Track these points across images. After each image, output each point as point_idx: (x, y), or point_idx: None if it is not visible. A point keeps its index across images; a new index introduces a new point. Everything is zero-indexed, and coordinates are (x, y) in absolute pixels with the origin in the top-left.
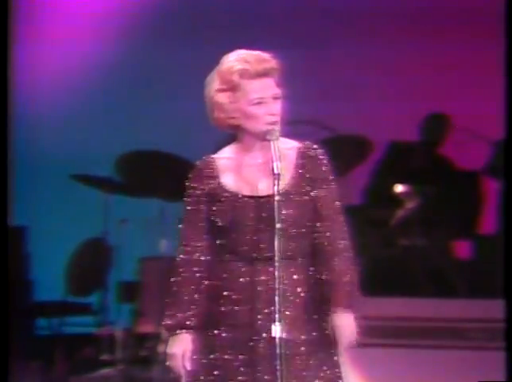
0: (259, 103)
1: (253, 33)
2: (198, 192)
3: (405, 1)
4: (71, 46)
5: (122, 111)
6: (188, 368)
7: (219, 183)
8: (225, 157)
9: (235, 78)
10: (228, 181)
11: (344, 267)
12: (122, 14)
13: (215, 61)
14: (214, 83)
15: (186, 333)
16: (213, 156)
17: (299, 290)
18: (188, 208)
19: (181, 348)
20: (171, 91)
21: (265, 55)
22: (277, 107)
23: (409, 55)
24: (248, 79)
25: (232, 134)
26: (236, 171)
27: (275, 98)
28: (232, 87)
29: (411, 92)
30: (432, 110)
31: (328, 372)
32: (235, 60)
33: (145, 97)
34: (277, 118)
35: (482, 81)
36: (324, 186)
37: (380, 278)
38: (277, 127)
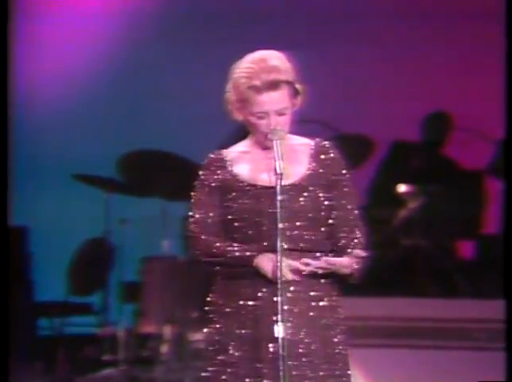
0: (261, 117)
1: (255, 33)
2: (210, 182)
3: (407, 1)
4: (72, 46)
5: (123, 111)
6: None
7: (232, 173)
8: (237, 150)
9: (243, 89)
10: (242, 171)
11: (355, 256)
12: (123, 14)
13: (216, 61)
14: (229, 82)
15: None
16: (225, 150)
17: (310, 286)
18: (199, 198)
19: (270, 260)
20: (173, 90)
21: (281, 63)
22: (279, 120)
23: (411, 55)
24: (255, 92)
25: (235, 134)
26: (249, 163)
27: (280, 114)
28: (239, 95)
29: (414, 92)
30: (435, 109)
31: (337, 371)
32: (248, 66)
33: (146, 97)
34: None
35: (483, 81)
36: (338, 181)
37: (382, 278)
38: (280, 127)
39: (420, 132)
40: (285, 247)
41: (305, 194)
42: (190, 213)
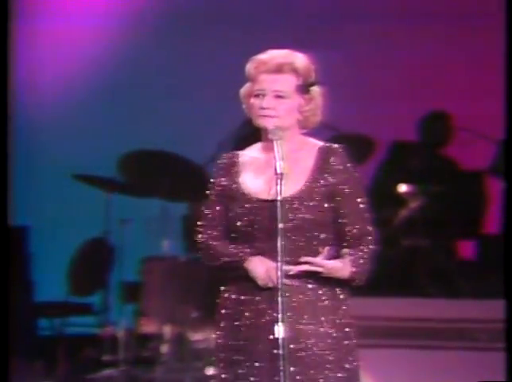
0: (258, 95)
1: (257, 34)
2: (216, 188)
3: (407, 1)
4: (72, 46)
5: (123, 111)
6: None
7: (236, 182)
8: (249, 155)
9: (251, 70)
10: (246, 180)
11: (360, 257)
12: (123, 14)
13: (217, 62)
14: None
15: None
16: (238, 152)
17: (310, 293)
18: (207, 203)
19: (263, 264)
20: (173, 90)
21: (294, 53)
22: (273, 103)
23: (411, 55)
24: (259, 73)
25: (236, 134)
26: (255, 172)
27: (277, 95)
28: (249, 78)
29: (414, 92)
30: (435, 109)
31: (339, 373)
32: (264, 53)
33: (147, 96)
34: (270, 113)
35: (483, 81)
36: (346, 186)
37: (383, 279)
38: (280, 127)
39: (420, 132)
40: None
41: (303, 206)
42: (200, 222)
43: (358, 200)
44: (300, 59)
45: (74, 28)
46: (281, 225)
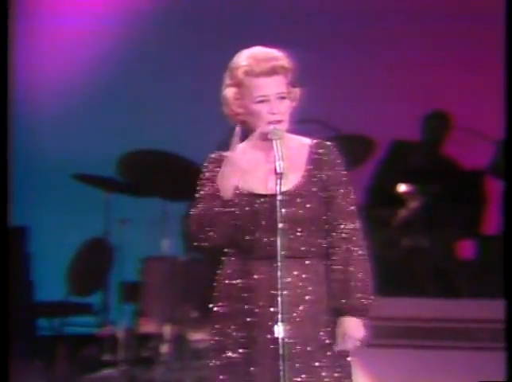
0: (262, 101)
1: (256, 34)
2: (210, 184)
3: (407, 0)
4: (72, 46)
5: (123, 111)
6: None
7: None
8: (235, 155)
9: (240, 74)
10: (241, 178)
11: (354, 270)
12: (123, 14)
13: (215, 61)
14: (225, 78)
15: None
16: (224, 153)
17: (310, 289)
18: (200, 202)
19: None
20: (172, 91)
21: (278, 53)
22: (280, 106)
23: (411, 54)
24: (253, 77)
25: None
26: (248, 169)
27: (280, 97)
28: (237, 84)
29: (414, 92)
30: (435, 109)
31: (335, 373)
32: (245, 56)
33: (146, 96)
34: (281, 118)
35: (483, 80)
36: (337, 186)
37: (383, 279)
38: (280, 126)
39: (419, 132)
40: (282, 253)
41: (301, 199)
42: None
43: (349, 196)
44: (285, 58)
45: (74, 28)
46: (280, 225)
